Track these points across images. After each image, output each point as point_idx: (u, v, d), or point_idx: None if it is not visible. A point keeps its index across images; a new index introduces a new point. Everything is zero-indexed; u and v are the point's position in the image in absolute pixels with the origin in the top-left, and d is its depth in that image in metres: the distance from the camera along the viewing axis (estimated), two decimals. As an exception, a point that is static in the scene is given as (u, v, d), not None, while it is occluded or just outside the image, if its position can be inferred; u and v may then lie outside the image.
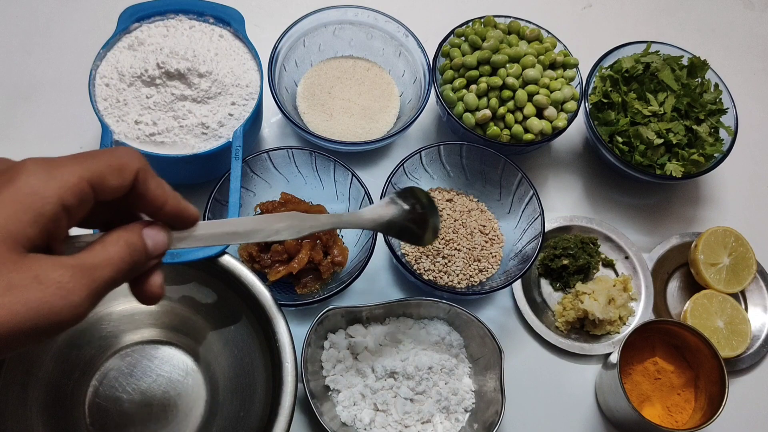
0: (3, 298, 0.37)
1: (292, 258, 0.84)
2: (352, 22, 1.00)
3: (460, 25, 0.99)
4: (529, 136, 0.92)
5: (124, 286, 0.47)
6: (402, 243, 0.90)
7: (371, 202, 0.86)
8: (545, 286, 0.94)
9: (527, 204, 0.90)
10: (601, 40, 1.04)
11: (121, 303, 0.79)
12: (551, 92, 0.93)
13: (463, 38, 0.97)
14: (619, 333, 0.90)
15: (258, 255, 0.84)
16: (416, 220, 0.68)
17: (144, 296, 0.48)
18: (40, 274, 0.38)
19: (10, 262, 0.38)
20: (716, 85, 0.99)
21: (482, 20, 0.98)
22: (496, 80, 0.92)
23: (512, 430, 0.85)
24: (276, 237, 0.55)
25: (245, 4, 0.97)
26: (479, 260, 0.89)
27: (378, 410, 0.81)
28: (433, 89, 0.95)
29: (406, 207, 0.68)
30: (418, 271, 0.88)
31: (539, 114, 0.93)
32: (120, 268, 0.43)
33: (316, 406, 0.78)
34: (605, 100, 0.96)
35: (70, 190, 0.41)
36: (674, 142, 0.92)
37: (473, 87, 0.94)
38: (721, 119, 0.96)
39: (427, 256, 0.89)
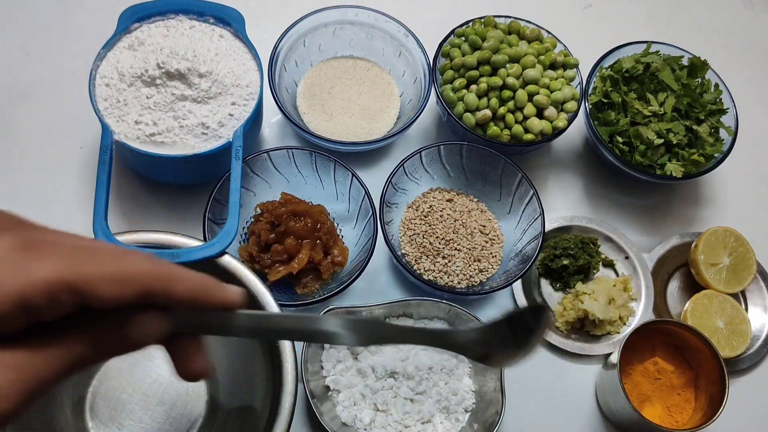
0: None
1: (292, 258, 0.84)
2: (352, 22, 1.00)
3: (460, 25, 0.99)
4: (529, 136, 0.92)
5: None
6: (402, 243, 0.90)
7: (371, 202, 0.86)
8: (545, 286, 0.94)
9: (527, 204, 0.90)
10: (601, 40, 1.04)
11: (121, 303, 0.79)
12: (551, 92, 0.93)
13: (463, 38, 0.97)
14: (619, 333, 0.90)
15: (258, 255, 0.84)
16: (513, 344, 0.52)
17: (185, 375, 0.42)
18: None
19: None
20: (716, 85, 0.99)
21: (482, 20, 0.98)
22: (497, 80, 0.92)
23: (512, 430, 0.85)
24: (331, 341, 0.46)
25: (245, 4, 0.97)
26: (479, 260, 0.89)
27: (378, 410, 0.81)
28: (433, 89, 0.95)
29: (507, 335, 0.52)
30: (418, 271, 0.88)
31: (539, 114, 0.93)
32: (72, 369, 0.36)
33: (316, 406, 0.78)
34: (605, 100, 0.96)
35: (40, 289, 0.34)
36: (674, 142, 0.92)
37: (473, 87, 0.94)
38: (721, 119, 0.96)
39: (427, 256, 0.89)
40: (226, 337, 0.78)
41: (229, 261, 0.74)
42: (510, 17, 0.99)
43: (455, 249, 0.89)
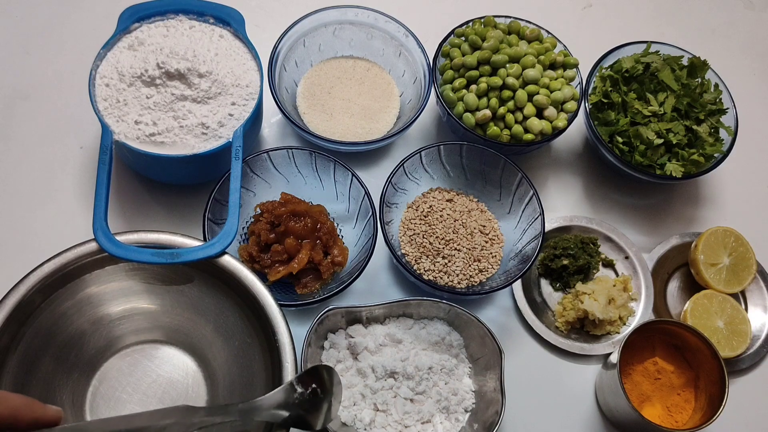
0: None
1: (292, 258, 0.84)
2: (352, 22, 1.00)
3: (460, 25, 0.99)
4: (529, 136, 0.92)
5: (125, 286, 0.47)
6: (402, 243, 0.90)
7: (371, 202, 0.86)
8: (545, 286, 0.94)
9: (527, 204, 0.90)
10: (601, 40, 1.04)
11: (121, 303, 0.79)
12: (551, 92, 0.93)
13: (463, 38, 0.97)
14: (619, 333, 0.90)
15: (258, 255, 0.84)
16: (312, 408, 0.67)
17: None
18: None
19: None
20: (716, 85, 0.99)
21: (482, 20, 0.98)
22: (496, 80, 0.92)
23: (512, 430, 0.85)
24: None
25: (245, 4, 0.97)
26: (479, 260, 0.89)
27: (378, 410, 0.81)
28: (433, 89, 0.95)
29: (301, 393, 0.66)
30: (418, 271, 0.88)
31: (539, 114, 0.93)
32: None
33: (316, 406, 0.78)
34: (605, 100, 0.96)
35: None
36: (674, 142, 0.92)
37: (473, 87, 0.94)
38: (721, 119, 0.96)
39: (427, 256, 0.89)
40: (226, 338, 0.78)
41: (229, 261, 0.74)
42: (510, 17, 0.99)
43: (455, 249, 0.89)
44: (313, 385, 0.67)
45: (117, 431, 0.52)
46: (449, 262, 0.88)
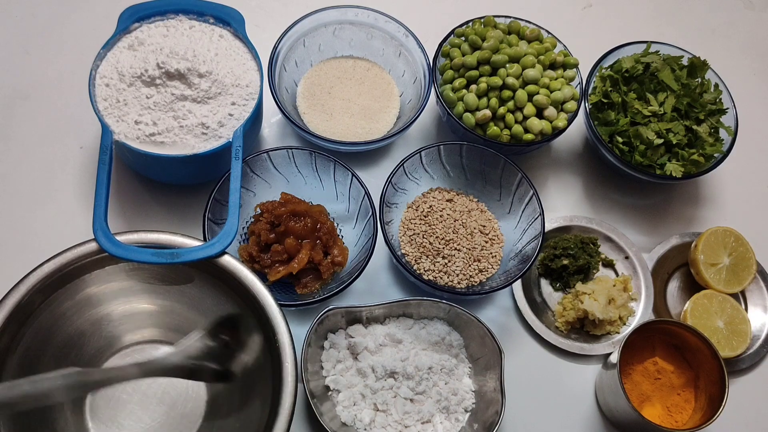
0: None
1: (292, 258, 0.84)
2: (352, 22, 1.00)
3: (460, 25, 0.99)
4: (529, 136, 0.92)
5: (125, 286, 0.47)
6: (402, 243, 0.90)
7: (371, 202, 0.86)
8: (545, 286, 0.94)
9: (527, 204, 0.90)
10: (601, 40, 1.04)
11: (121, 303, 0.79)
12: (551, 92, 0.93)
13: (463, 38, 0.97)
14: (619, 333, 0.90)
15: (258, 255, 0.84)
16: (223, 358, 0.67)
17: None
18: None
19: None
20: (716, 85, 0.99)
21: (482, 20, 0.98)
22: (496, 80, 0.92)
23: (512, 430, 0.85)
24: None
25: (245, 4, 0.97)
26: (479, 260, 0.89)
27: (378, 410, 0.81)
28: (433, 89, 0.95)
29: (211, 346, 0.67)
30: (418, 271, 0.88)
31: (539, 114, 0.93)
32: None
33: (316, 406, 0.78)
34: (605, 100, 0.96)
35: None
36: (674, 142, 0.92)
37: (473, 87, 0.94)
38: (721, 119, 0.96)
39: (427, 256, 0.89)
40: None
41: (229, 261, 0.74)
42: (510, 17, 0.99)
43: (455, 249, 0.89)
44: (224, 337, 0.67)
45: (20, 395, 0.53)
46: (449, 262, 0.88)
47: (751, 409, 0.89)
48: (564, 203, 1.00)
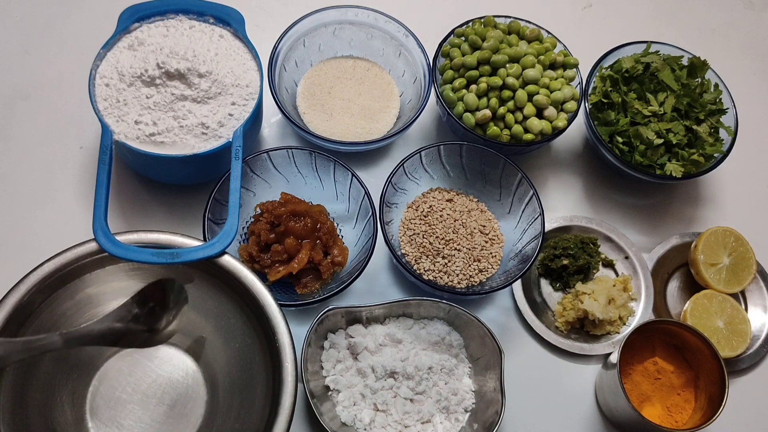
0: None
1: (292, 258, 0.84)
2: (352, 22, 1.00)
3: (460, 25, 0.99)
4: (529, 136, 0.92)
5: (125, 286, 0.47)
6: (402, 243, 0.90)
7: (371, 202, 0.86)
8: (545, 286, 0.94)
9: (527, 204, 0.90)
10: (601, 40, 1.04)
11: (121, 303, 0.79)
12: (551, 92, 0.93)
13: (463, 38, 0.97)
14: (619, 333, 0.90)
15: (258, 255, 0.84)
16: (150, 323, 0.69)
17: None
18: None
19: None
20: (716, 85, 0.99)
21: (482, 20, 0.98)
22: (496, 80, 0.92)
23: (512, 430, 0.85)
24: None
25: (245, 4, 0.97)
26: (479, 260, 0.89)
27: (378, 410, 0.81)
28: (433, 89, 0.95)
29: (136, 314, 0.69)
30: (418, 271, 0.88)
31: (539, 114, 0.93)
32: None
33: (316, 406, 0.78)
34: (605, 100, 0.96)
35: None
36: (674, 142, 0.92)
37: (473, 87, 0.94)
38: (721, 119, 0.96)
39: (427, 256, 0.89)
40: (226, 338, 0.78)
41: (229, 261, 0.74)
42: (510, 17, 0.99)
43: (455, 249, 0.89)
44: (151, 304, 0.69)
45: None
46: (449, 262, 0.88)
47: (751, 409, 0.89)
48: (564, 203, 1.00)
